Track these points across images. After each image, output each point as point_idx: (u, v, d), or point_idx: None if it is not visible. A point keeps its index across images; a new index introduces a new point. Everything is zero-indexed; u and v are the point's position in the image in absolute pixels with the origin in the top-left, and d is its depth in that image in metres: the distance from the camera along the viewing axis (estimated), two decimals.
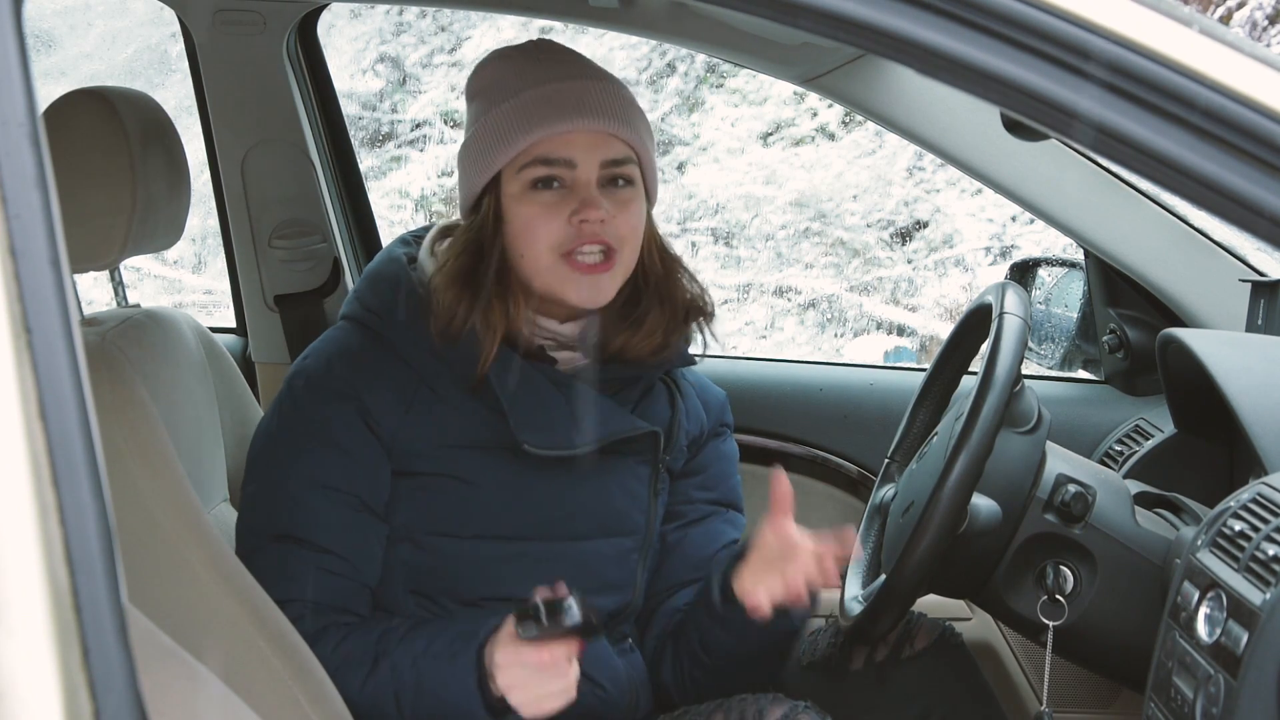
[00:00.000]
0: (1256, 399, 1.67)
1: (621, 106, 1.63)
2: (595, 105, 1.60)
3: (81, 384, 0.81)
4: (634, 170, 1.64)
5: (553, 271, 1.61)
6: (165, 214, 1.58)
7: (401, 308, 1.65)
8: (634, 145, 1.63)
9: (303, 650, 1.44)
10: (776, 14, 1.02)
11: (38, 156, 0.82)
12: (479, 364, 1.60)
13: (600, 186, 1.61)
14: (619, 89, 1.65)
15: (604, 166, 1.61)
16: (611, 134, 1.61)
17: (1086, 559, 1.69)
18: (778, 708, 1.59)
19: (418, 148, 7.84)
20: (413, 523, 1.62)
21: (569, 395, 1.65)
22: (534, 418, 1.62)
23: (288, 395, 1.65)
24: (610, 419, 1.66)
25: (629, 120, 1.63)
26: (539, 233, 1.60)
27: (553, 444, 1.62)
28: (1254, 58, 1.01)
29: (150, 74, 7.52)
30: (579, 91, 1.60)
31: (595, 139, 1.60)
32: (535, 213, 1.60)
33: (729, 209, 7.58)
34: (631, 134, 1.62)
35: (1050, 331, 2.47)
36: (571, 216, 1.59)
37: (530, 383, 1.63)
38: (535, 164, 1.60)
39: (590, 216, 1.58)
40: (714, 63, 7.52)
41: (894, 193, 7.52)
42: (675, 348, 1.71)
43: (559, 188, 1.60)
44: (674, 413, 1.75)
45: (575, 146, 1.60)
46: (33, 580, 0.79)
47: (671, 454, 1.75)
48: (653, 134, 1.69)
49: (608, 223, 1.60)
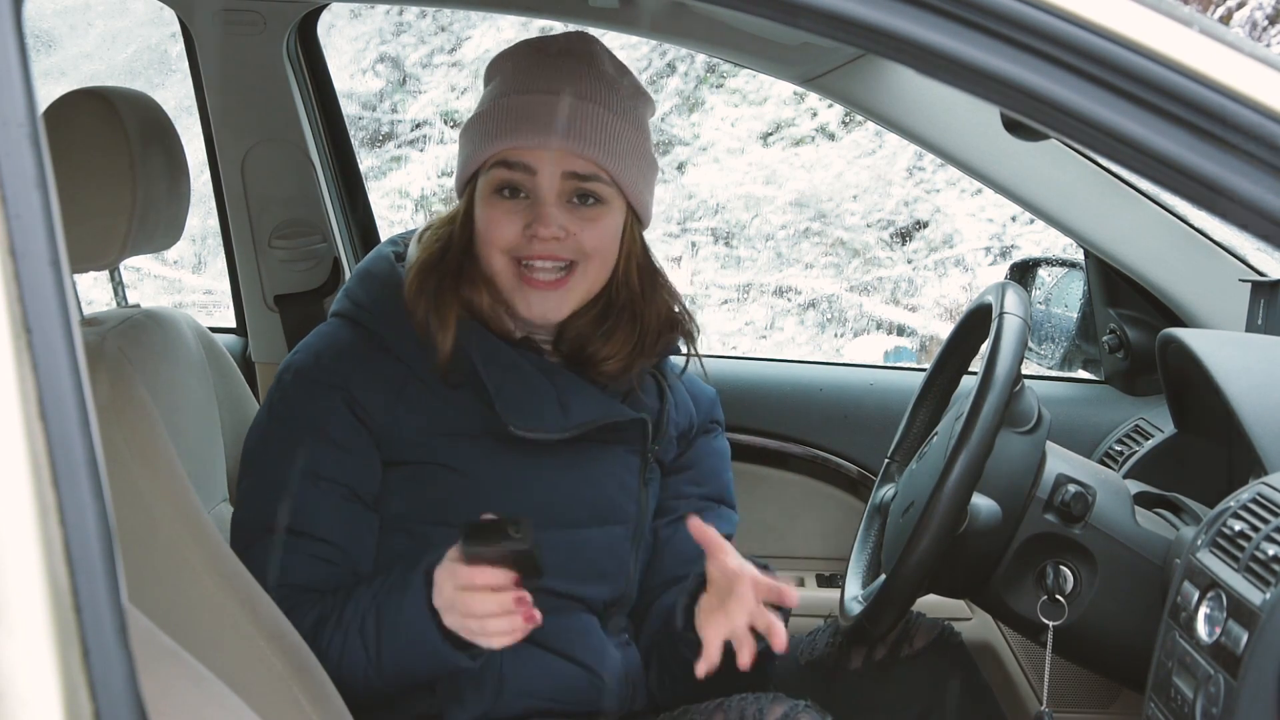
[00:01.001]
0: (1256, 399, 1.67)
1: (594, 127, 1.62)
2: (563, 124, 1.61)
3: (81, 384, 0.81)
4: (603, 188, 1.63)
5: (507, 278, 1.64)
6: (165, 214, 1.58)
7: (390, 302, 1.68)
8: (605, 165, 1.63)
9: (303, 650, 1.44)
10: (776, 14, 1.02)
11: (38, 156, 0.82)
12: (439, 354, 1.62)
13: (565, 201, 1.62)
14: (609, 113, 1.64)
15: (566, 178, 1.62)
16: (576, 154, 1.61)
17: (1086, 559, 1.69)
18: (778, 707, 1.60)
19: (418, 148, 7.84)
20: (405, 512, 1.64)
21: (555, 381, 1.67)
22: (520, 402, 1.64)
23: (277, 389, 1.68)
24: (596, 404, 1.68)
25: (602, 141, 1.62)
26: (494, 236, 1.63)
27: (540, 427, 1.64)
28: (1254, 58, 1.01)
29: (150, 74, 7.52)
30: (552, 107, 1.61)
31: (560, 154, 1.61)
32: (494, 216, 1.63)
33: (729, 209, 7.58)
34: (604, 155, 1.62)
35: (1050, 331, 2.48)
36: (526, 228, 1.62)
37: (517, 369, 1.65)
38: (499, 166, 1.63)
39: (541, 232, 1.61)
40: (714, 63, 7.51)
41: (894, 193, 7.52)
42: (641, 360, 1.71)
43: (523, 197, 1.63)
44: (662, 404, 1.77)
45: (536, 155, 1.61)
46: (33, 580, 0.79)
47: (660, 444, 1.76)
48: (647, 158, 1.68)
49: (565, 240, 1.62)
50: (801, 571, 2.50)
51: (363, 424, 1.63)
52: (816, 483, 2.48)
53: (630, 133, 1.65)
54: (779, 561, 2.46)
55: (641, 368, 1.73)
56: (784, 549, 2.48)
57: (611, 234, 1.66)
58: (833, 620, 1.88)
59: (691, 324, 1.76)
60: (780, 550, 2.48)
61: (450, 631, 1.47)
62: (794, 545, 2.49)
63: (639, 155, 1.67)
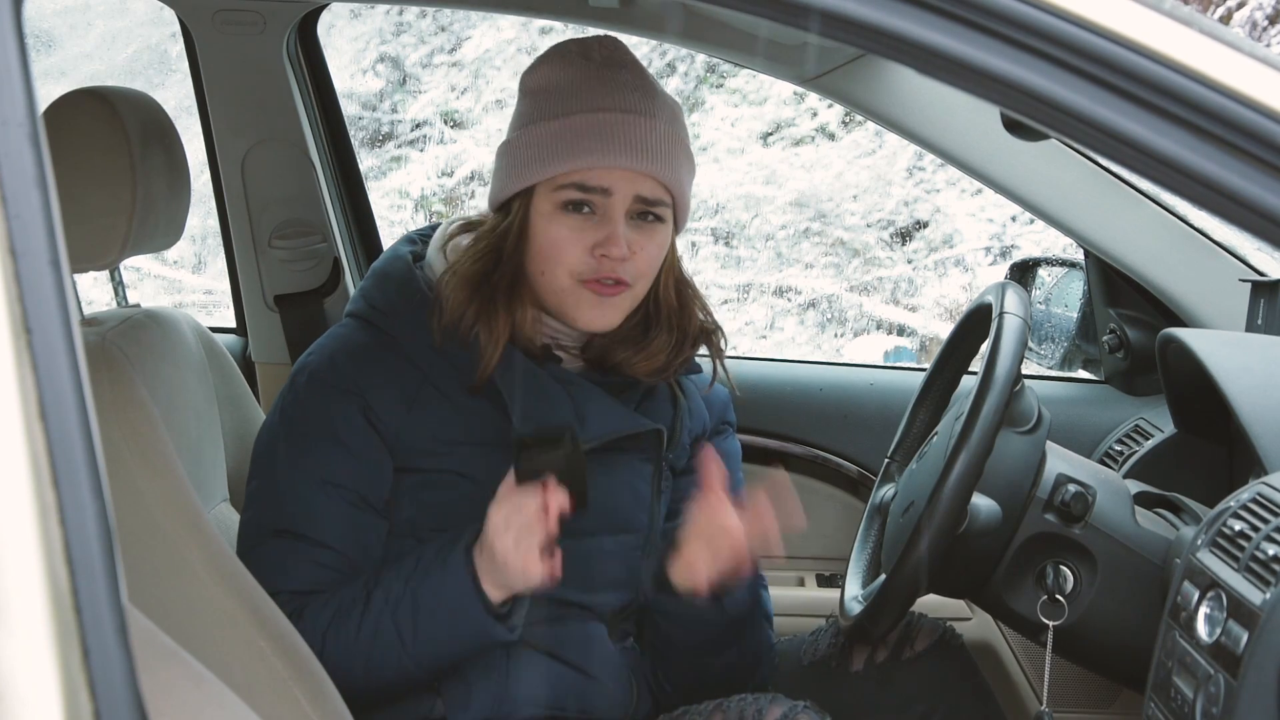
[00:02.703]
0: (1256, 399, 1.67)
1: (668, 146, 1.61)
2: (641, 145, 1.59)
3: (81, 384, 0.81)
4: (665, 209, 1.63)
5: (568, 293, 1.62)
6: (165, 214, 1.58)
7: (408, 306, 1.66)
8: (670, 186, 1.62)
9: (303, 650, 1.44)
10: (776, 14, 1.02)
11: (38, 156, 0.82)
12: (481, 369, 1.61)
13: (630, 218, 1.61)
14: (668, 126, 1.62)
15: (637, 201, 1.61)
16: (651, 176, 1.60)
17: (1086, 559, 1.69)
18: (777, 707, 1.59)
19: (418, 148, 7.84)
20: (416, 519, 1.63)
21: (572, 392, 1.65)
22: (536, 413, 1.62)
23: (290, 391, 1.66)
24: (613, 416, 1.67)
25: (671, 160, 1.61)
26: (561, 256, 1.60)
27: None
28: (1254, 58, 1.01)
29: (150, 74, 7.52)
30: (628, 127, 1.59)
31: (635, 176, 1.60)
32: (561, 236, 1.60)
33: (729, 209, 7.58)
34: (671, 175, 1.61)
35: (1050, 331, 2.48)
36: (594, 249, 1.59)
37: (534, 379, 1.63)
38: (571, 188, 1.59)
39: (612, 253, 1.59)
40: (714, 63, 7.51)
41: (894, 193, 7.52)
42: (675, 367, 1.72)
43: (588, 213, 1.60)
44: (676, 411, 1.76)
45: (613, 177, 1.59)
46: (33, 580, 0.78)
47: (674, 452, 1.75)
48: (694, 168, 1.68)
49: (629, 261, 1.60)
50: (801, 571, 2.50)
51: (376, 430, 1.62)
52: (816, 483, 2.48)
53: (685, 147, 1.65)
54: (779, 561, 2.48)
55: (675, 372, 1.72)
56: (784, 549, 2.48)
57: (663, 251, 1.66)
58: (833, 620, 1.88)
59: (721, 335, 1.76)
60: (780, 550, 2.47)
61: (491, 605, 1.49)
62: (794, 545, 2.49)
63: (690, 169, 1.67)
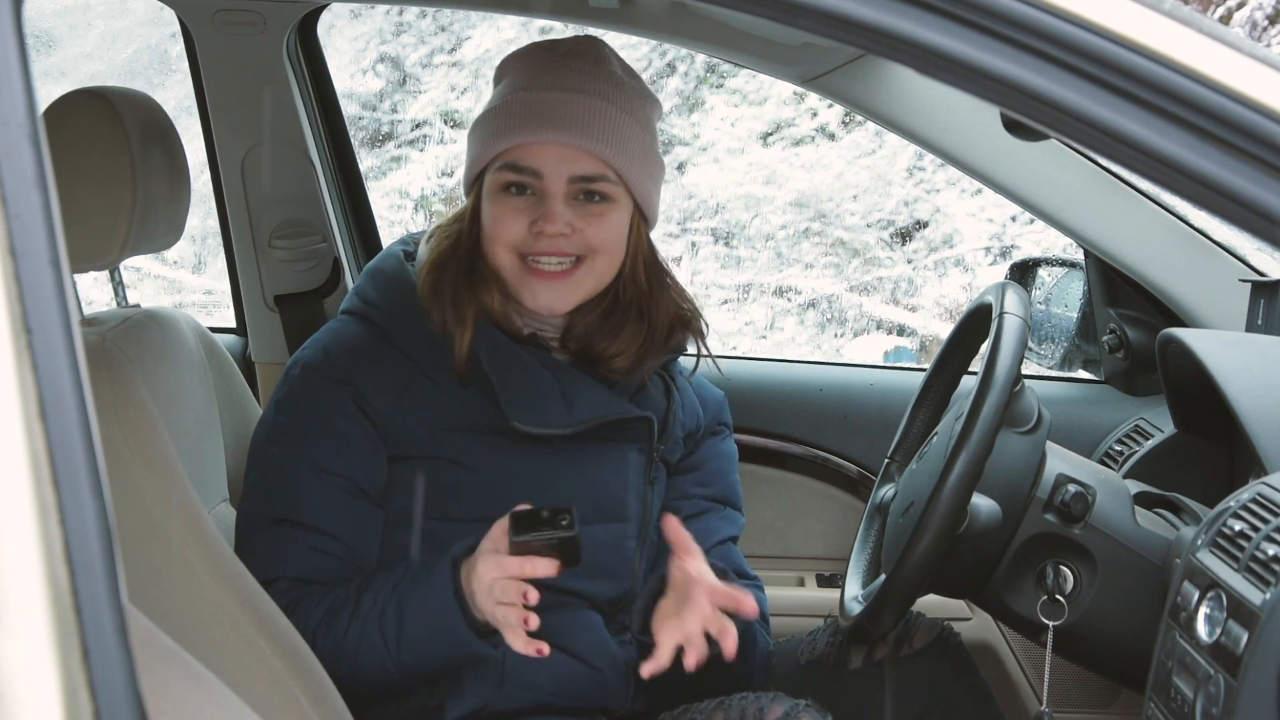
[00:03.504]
0: (1256, 399, 1.67)
1: (607, 125, 1.63)
2: (571, 120, 1.62)
3: (81, 384, 0.81)
4: (611, 187, 1.65)
5: (513, 272, 1.66)
6: (165, 214, 1.58)
7: (398, 298, 1.70)
8: (613, 163, 1.64)
9: (303, 650, 1.44)
10: (776, 14, 1.02)
11: (38, 156, 0.82)
12: (457, 351, 1.64)
13: (571, 199, 1.64)
14: (617, 110, 1.65)
15: (573, 181, 1.63)
16: (584, 150, 1.62)
17: (1086, 559, 1.69)
18: (778, 706, 1.60)
19: (418, 148, 7.84)
20: (410, 507, 1.65)
21: (560, 378, 1.68)
22: (525, 398, 1.65)
23: (285, 384, 1.70)
24: (602, 401, 1.69)
25: (610, 138, 1.63)
26: (500, 233, 1.65)
27: (544, 423, 1.65)
28: (1254, 58, 1.01)
29: (150, 74, 7.52)
30: (560, 104, 1.63)
31: (565, 152, 1.62)
32: (501, 214, 1.65)
33: (729, 209, 7.58)
34: (611, 152, 1.63)
35: (1050, 331, 2.47)
36: (532, 225, 1.63)
37: (522, 365, 1.67)
38: (505, 169, 1.65)
39: (547, 229, 1.62)
40: (714, 63, 7.51)
41: (894, 193, 7.52)
42: (651, 358, 1.73)
43: (529, 194, 1.64)
44: (669, 404, 1.78)
45: (544, 158, 1.63)
46: (33, 580, 0.79)
47: (666, 443, 1.76)
48: (654, 158, 1.69)
49: (572, 235, 1.63)
50: (801, 571, 2.50)
51: (369, 419, 1.65)
52: (816, 483, 2.48)
53: (638, 132, 1.67)
54: (779, 561, 2.48)
55: (652, 365, 1.74)
56: (784, 549, 2.48)
57: (618, 231, 1.67)
58: (833, 620, 1.88)
59: (699, 321, 1.78)
60: (780, 550, 2.48)
61: (475, 620, 1.50)
62: (794, 545, 2.49)
63: (646, 155, 1.68)
